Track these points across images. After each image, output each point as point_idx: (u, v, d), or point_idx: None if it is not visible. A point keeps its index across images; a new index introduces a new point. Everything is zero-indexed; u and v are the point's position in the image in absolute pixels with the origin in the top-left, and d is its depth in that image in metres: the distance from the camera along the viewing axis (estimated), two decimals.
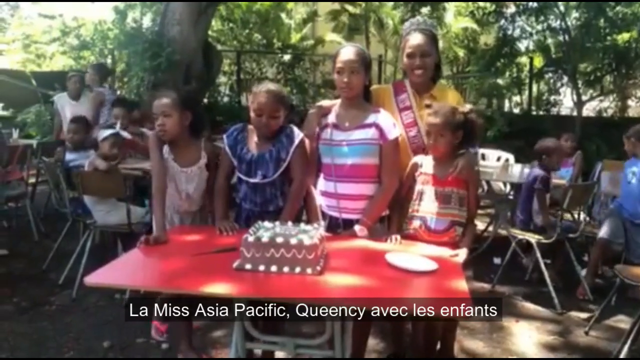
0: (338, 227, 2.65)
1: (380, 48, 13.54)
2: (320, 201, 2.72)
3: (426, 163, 2.66)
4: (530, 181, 4.21)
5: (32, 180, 6.03)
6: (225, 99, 11.36)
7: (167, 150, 2.84)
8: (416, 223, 2.61)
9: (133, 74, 7.87)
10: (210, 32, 9.87)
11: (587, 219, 4.97)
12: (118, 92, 8.71)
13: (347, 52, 2.59)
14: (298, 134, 2.70)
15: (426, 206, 2.60)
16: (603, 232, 4.29)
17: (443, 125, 2.54)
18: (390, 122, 2.61)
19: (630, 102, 11.34)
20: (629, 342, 3.12)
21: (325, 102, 2.81)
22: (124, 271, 2.21)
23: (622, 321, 3.71)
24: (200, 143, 2.91)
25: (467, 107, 2.63)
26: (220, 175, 2.79)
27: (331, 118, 2.69)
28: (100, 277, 2.06)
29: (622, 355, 3.09)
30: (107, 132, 4.17)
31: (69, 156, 4.44)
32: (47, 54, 13.76)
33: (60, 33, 12.46)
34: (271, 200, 2.68)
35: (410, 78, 2.79)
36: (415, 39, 2.72)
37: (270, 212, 2.66)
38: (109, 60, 11.05)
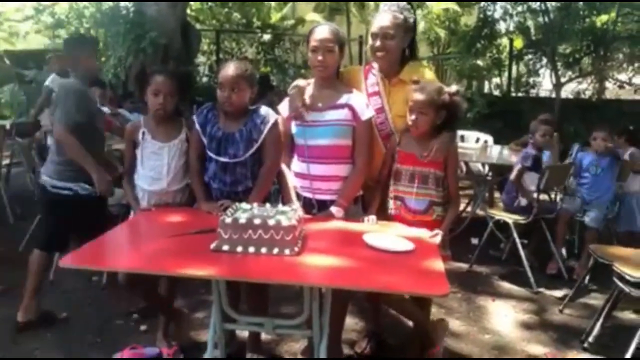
0: (312, 207, 2.66)
1: (362, 28, 13.43)
2: (294, 182, 2.71)
3: (405, 141, 2.65)
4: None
5: (6, 161, 5.92)
6: (205, 79, 11.23)
7: (145, 132, 2.81)
8: (397, 203, 2.63)
9: (111, 54, 7.72)
10: (188, 11, 9.71)
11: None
12: None
13: (322, 30, 2.57)
14: (272, 115, 2.68)
15: (404, 186, 2.61)
16: (564, 206, 4.46)
17: (427, 102, 2.52)
18: (363, 103, 2.61)
19: (607, 84, 11.44)
20: (601, 319, 3.20)
21: (300, 82, 2.77)
22: (101, 253, 2.19)
23: (596, 299, 3.79)
24: (181, 119, 2.90)
25: (454, 88, 2.61)
26: (192, 154, 2.77)
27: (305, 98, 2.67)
28: (76, 258, 2.04)
29: (594, 333, 3.17)
30: None
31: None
32: (20, 33, 13.42)
33: (34, 11, 12.15)
34: (241, 180, 2.66)
35: (374, 60, 2.75)
36: (381, 20, 2.66)
37: (238, 193, 2.64)
38: None
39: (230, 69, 2.62)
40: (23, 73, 8.81)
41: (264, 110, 2.70)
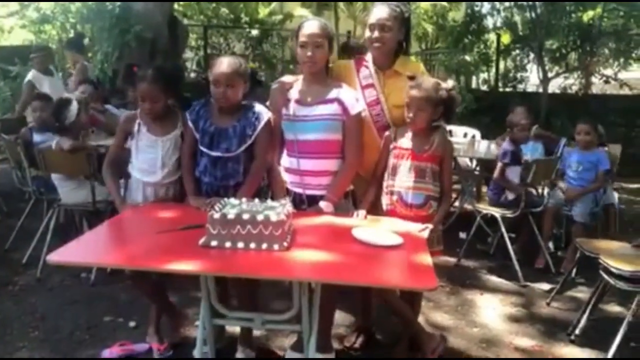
0: (302, 203, 2.66)
1: (349, 24, 13.43)
2: (284, 178, 2.71)
3: (401, 136, 2.66)
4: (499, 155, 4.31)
5: None
6: (192, 75, 11.16)
7: (141, 123, 2.80)
8: (393, 198, 2.64)
9: (97, 49, 7.65)
10: (176, 6, 9.63)
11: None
12: None
13: (311, 25, 2.57)
14: (266, 113, 2.69)
15: (401, 180, 2.62)
16: (552, 201, 4.48)
17: (425, 99, 2.54)
18: (352, 97, 2.61)
19: (593, 79, 11.52)
20: (587, 312, 3.24)
21: (286, 78, 2.78)
22: (88, 249, 2.18)
23: (582, 292, 3.83)
24: (178, 113, 2.87)
25: (450, 83, 2.64)
26: (184, 150, 2.76)
27: (294, 94, 2.67)
28: (63, 255, 2.03)
29: (580, 325, 3.20)
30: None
31: (36, 137, 4.27)
32: (5, 28, 13.23)
33: (18, 6, 11.99)
34: (232, 175, 2.66)
35: (370, 51, 2.76)
36: (379, 12, 2.68)
37: (229, 187, 2.65)
38: (71, 36, 10.71)
39: (224, 65, 2.60)
40: (8, 69, 8.70)
41: (258, 107, 2.71)
